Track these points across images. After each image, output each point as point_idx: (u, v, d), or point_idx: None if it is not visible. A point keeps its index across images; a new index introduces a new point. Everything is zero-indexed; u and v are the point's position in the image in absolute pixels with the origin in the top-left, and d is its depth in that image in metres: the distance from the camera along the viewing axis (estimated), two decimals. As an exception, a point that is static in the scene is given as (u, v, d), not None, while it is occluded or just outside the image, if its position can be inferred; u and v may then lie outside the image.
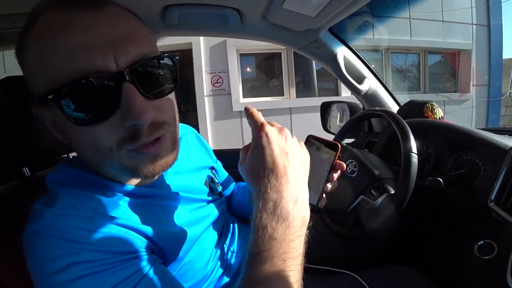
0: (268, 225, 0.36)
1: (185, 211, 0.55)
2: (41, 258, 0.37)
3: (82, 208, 0.40)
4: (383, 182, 0.70)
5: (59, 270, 0.36)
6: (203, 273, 0.55)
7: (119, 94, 0.36)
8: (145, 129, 0.38)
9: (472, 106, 4.58)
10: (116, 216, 0.42)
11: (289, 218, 0.37)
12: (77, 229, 0.38)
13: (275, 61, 3.81)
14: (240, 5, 0.83)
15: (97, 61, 0.34)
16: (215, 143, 3.57)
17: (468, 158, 0.68)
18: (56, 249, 0.37)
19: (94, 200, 0.42)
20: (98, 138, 0.38)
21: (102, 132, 0.37)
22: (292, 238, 0.37)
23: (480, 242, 0.57)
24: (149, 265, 0.41)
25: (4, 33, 0.86)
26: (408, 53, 4.48)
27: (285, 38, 1.02)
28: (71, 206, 0.40)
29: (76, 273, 0.36)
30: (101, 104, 0.36)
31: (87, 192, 0.43)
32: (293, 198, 0.38)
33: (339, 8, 0.75)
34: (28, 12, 0.38)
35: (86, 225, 0.39)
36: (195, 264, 0.54)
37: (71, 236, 0.37)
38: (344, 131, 0.90)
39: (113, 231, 0.40)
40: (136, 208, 0.45)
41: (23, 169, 0.62)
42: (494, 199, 0.59)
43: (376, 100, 1.13)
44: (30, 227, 0.40)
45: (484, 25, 4.42)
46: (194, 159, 0.66)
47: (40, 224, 0.38)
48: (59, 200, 0.41)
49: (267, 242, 0.36)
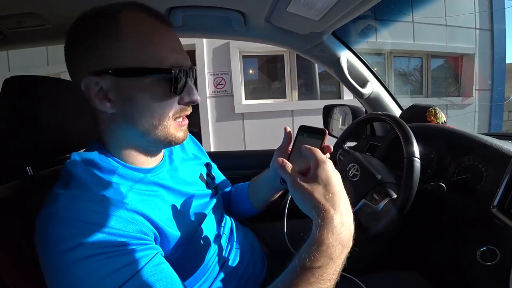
0: (330, 244, 0.41)
1: (184, 202, 0.59)
2: (53, 237, 0.40)
3: (94, 191, 0.45)
4: (385, 186, 0.70)
5: (69, 249, 0.39)
6: (200, 266, 0.57)
7: (186, 81, 0.51)
8: (189, 108, 0.54)
9: (474, 110, 4.56)
10: (125, 201, 0.46)
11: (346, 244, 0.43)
12: (89, 211, 0.42)
13: (278, 63, 3.82)
14: (244, 8, 0.83)
15: (182, 59, 0.51)
16: (217, 145, 3.57)
17: (471, 163, 0.68)
18: (68, 229, 0.41)
19: (105, 185, 0.47)
20: (166, 107, 0.50)
21: (169, 104, 0.51)
22: (340, 262, 0.42)
23: (482, 248, 0.57)
24: (152, 254, 0.44)
25: (9, 33, 0.87)
26: (411, 57, 4.48)
27: (289, 41, 1.02)
28: (84, 189, 0.45)
29: (85, 253, 0.39)
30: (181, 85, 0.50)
31: (99, 176, 0.48)
32: (350, 227, 0.44)
33: (343, 12, 0.75)
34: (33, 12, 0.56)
35: (98, 207, 0.43)
36: (192, 258, 0.56)
37: (83, 217, 0.42)
38: (346, 135, 0.90)
39: (121, 214, 0.44)
40: (143, 196, 0.51)
41: (26, 168, 0.63)
42: (497, 205, 0.59)
43: (378, 104, 1.13)
44: (45, 209, 0.44)
45: (487, 30, 4.41)
46: (189, 156, 0.73)
47: (55, 206, 0.42)
48: (73, 183, 0.46)
49: (324, 259, 0.40)
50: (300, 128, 0.62)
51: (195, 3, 0.81)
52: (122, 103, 0.49)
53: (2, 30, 0.85)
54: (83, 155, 0.51)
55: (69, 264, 0.39)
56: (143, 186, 0.52)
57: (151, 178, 0.55)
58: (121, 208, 0.45)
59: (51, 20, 0.82)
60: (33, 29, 0.86)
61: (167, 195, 0.56)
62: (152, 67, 0.48)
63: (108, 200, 0.44)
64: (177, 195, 0.58)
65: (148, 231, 0.47)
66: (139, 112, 0.49)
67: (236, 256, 0.67)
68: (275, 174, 0.70)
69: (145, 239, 0.45)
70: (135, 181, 0.51)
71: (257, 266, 0.73)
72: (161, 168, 0.60)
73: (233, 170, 1.21)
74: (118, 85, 0.48)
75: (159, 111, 0.50)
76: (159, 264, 0.45)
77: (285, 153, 0.64)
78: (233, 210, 0.84)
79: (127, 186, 0.50)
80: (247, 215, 0.86)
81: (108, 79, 0.47)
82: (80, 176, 0.47)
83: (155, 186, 0.54)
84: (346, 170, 0.79)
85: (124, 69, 0.47)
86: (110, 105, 0.49)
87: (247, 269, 0.68)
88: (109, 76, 0.47)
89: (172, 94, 0.49)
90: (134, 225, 0.45)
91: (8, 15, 0.77)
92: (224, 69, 3.51)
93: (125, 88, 0.48)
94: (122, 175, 0.50)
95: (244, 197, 0.84)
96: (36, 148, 0.58)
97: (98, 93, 0.48)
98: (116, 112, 0.49)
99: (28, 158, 0.59)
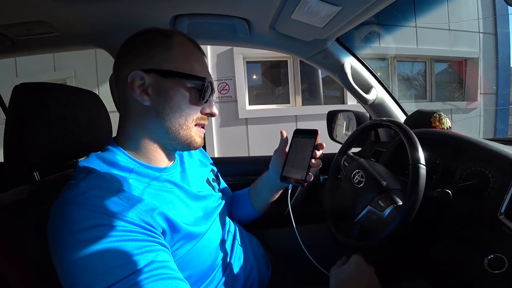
0: None
1: (195, 203, 0.63)
2: (70, 217, 0.43)
3: (113, 183, 0.49)
4: (390, 193, 0.69)
5: (85, 228, 0.42)
6: (205, 268, 0.59)
7: (210, 96, 0.62)
8: (207, 119, 0.63)
9: (480, 115, 4.53)
10: (140, 196, 0.50)
11: None
12: (106, 199, 0.46)
13: (281, 68, 3.83)
14: (249, 15, 0.84)
15: (210, 77, 0.62)
16: (221, 150, 3.57)
17: (477, 169, 0.67)
18: (85, 212, 0.44)
19: (122, 180, 0.51)
20: (192, 110, 0.59)
21: (195, 109, 0.59)
22: None
23: (490, 256, 0.56)
24: (160, 250, 0.47)
25: (19, 40, 0.89)
26: (415, 62, 4.47)
27: (293, 48, 1.03)
28: (103, 180, 0.49)
29: (100, 233, 0.42)
30: (207, 95, 0.60)
31: (117, 173, 0.53)
32: None
33: (346, 19, 0.75)
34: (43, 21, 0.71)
35: (115, 198, 0.47)
36: (198, 259, 0.58)
37: (100, 203, 0.45)
38: (351, 141, 0.90)
39: (137, 205, 0.48)
40: (158, 191, 0.55)
41: (34, 173, 0.64)
42: (504, 212, 0.58)
43: (383, 110, 1.13)
44: (64, 195, 0.48)
45: (491, 34, 4.39)
46: (196, 162, 0.77)
47: (75, 192, 0.46)
48: (92, 174, 0.50)
49: None
50: (295, 131, 0.73)
51: (200, 11, 0.82)
52: (157, 99, 0.56)
53: (11, 37, 0.87)
54: (101, 154, 0.56)
55: (80, 242, 0.42)
56: (158, 183, 0.57)
57: (165, 176, 0.59)
58: (135, 198, 0.49)
59: (59, 28, 0.84)
60: (41, 37, 0.88)
61: (180, 193, 0.60)
62: (191, 73, 0.58)
63: (124, 193, 0.49)
64: (189, 195, 0.62)
65: (157, 225, 0.49)
66: (170, 109, 0.57)
67: (240, 261, 0.68)
68: (275, 174, 0.77)
69: (155, 234, 0.48)
70: (151, 178, 0.56)
71: (261, 271, 0.73)
72: (174, 168, 0.64)
73: (237, 176, 1.21)
74: (159, 83, 0.56)
75: (186, 112, 0.58)
76: (166, 261, 0.47)
77: (282, 154, 0.75)
78: (236, 215, 0.86)
79: (144, 183, 0.54)
80: (249, 219, 0.87)
81: (152, 77, 0.56)
82: (99, 170, 0.52)
83: (169, 183, 0.59)
84: (351, 176, 0.79)
85: (168, 71, 0.56)
86: (147, 98, 0.56)
87: (251, 274, 0.69)
88: (153, 75, 0.56)
89: (200, 100, 0.59)
90: (146, 215, 0.48)
91: (18, 23, 0.79)
92: (228, 75, 3.52)
93: (164, 86, 0.56)
94: (139, 172, 0.55)
95: (246, 201, 0.86)
96: (44, 154, 0.59)
97: (140, 86, 0.55)
98: (150, 105, 0.56)
99: (36, 164, 0.60)
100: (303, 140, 0.70)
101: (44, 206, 0.49)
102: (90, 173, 0.51)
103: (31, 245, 0.50)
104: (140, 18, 0.82)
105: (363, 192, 0.73)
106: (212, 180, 0.77)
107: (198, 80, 0.58)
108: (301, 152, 0.69)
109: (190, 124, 0.59)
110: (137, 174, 0.55)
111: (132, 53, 0.58)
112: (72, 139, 0.64)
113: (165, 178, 0.59)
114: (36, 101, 0.58)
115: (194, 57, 0.60)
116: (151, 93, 0.56)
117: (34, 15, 0.76)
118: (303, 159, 0.68)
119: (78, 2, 0.72)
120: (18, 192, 0.58)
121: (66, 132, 0.62)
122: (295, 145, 0.72)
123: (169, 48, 0.57)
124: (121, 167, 0.54)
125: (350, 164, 0.83)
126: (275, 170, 0.78)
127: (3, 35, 0.85)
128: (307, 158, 0.67)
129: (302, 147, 0.70)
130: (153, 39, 0.58)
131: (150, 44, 0.57)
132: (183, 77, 0.57)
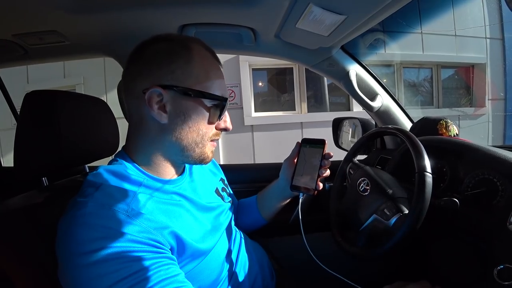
0: None
1: (204, 215, 0.62)
2: (77, 238, 0.43)
3: (121, 202, 0.48)
4: (396, 201, 0.68)
5: (91, 251, 0.42)
6: (212, 280, 0.58)
7: (224, 111, 0.60)
8: (220, 133, 0.62)
9: (488, 121, 4.46)
10: (149, 211, 0.50)
11: None
12: (114, 219, 0.45)
13: (287, 76, 3.85)
14: (255, 24, 0.85)
15: (226, 93, 0.61)
16: (227, 157, 3.58)
17: (486, 177, 0.66)
18: (93, 233, 0.43)
19: (131, 195, 0.50)
20: (209, 128, 0.58)
21: (212, 127, 0.59)
22: None
23: (500, 266, 0.55)
24: (169, 263, 0.47)
25: (31, 49, 0.92)
26: (421, 68, 4.45)
27: (298, 56, 1.04)
28: (112, 198, 0.48)
29: (107, 256, 0.42)
30: (222, 112, 0.59)
31: (126, 187, 0.52)
32: None
33: (351, 28, 0.76)
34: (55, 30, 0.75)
35: (123, 216, 0.46)
36: (205, 271, 0.57)
37: (108, 223, 0.45)
38: (356, 148, 0.90)
39: (146, 223, 0.47)
40: (165, 205, 0.54)
41: (43, 179, 0.65)
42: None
43: (388, 117, 1.12)
44: (71, 213, 0.47)
45: (498, 39, 4.36)
46: (206, 171, 0.76)
47: (83, 211, 0.45)
48: (100, 192, 0.49)
49: None
50: (303, 140, 0.74)
51: (207, 21, 0.84)
52: (175, 117, 0.55)
53: (24, 46, 0.90)
54: (111, 168, 0.55)
55: (85, 266, 0.41)
56: (166, 195, 0.56)
57: (173, 188, 0.58)
58: (143, 217, 0.48)
59: (70, 38, 0.86)
60: (53, 46, 0.90)
61: (189, 205, 0.59)
62: (212, 93, 0.56)
63: (133, 211, 0.48)
64: (198, 207, 0.61)
65: (165, 241, 0.49)
66: (188, 128, 0.55)
67: (245, 270, 0.68)
68: (285, 182, 0.76)
69: (164, 250, 0.48)
70: (160, 191, 0.55)
71: (266, 280, 0.72)
72: (183, 179, 0.63)
73: (242, 183, 1.21)
74: (179, 100, 0.54)
75: (203, 131, 0.57)
76: (175, 275, 0.47)
77: (292, 163, 0.76)
78: (242, 223, 0.85)
79: (153, 196, 0.53)
80: (255, 227, 0.87)
81: (171, 94, 0.54)
82: (108, 186, 0.51)
83: (177, 196, 0.58)
84: (356, 184, 0.78)
85: (189, 88, 0.54)
86: (165, 116, 0.54)
87: (256, 283, 0.68)
88: (173, 92, 0.53)
89: (217, 119, 0.59)
90: (154, 233, 0.47)
91: (31, 33, 0.82)
92: (233, 82, 3.55)
93: (183, 104, 0.54)
94: (148, 186, 0.54)
95: (253, 209, 0.86)
96: (52, 160, 0.60)
97: (157, 102, 0.53)
98: (167, 123, 0.55)
99: (45, 169, 0.61)
100: (311, 149, 0.72)
101: (52, 211, 0.50)
102: (98, 189, 0.49)
103: (40, 250, 0.51)
104: (149, 28, 0.84)
105: (369, 200, 0.73)
106: (221, 189, 0.77)
107: (219, 100, 0.57)
108: (310, 161, 0.71)
109: (206, 142, 0.58)
110: (146, 187, 0.54)
111: (148, 64, 0.54)
112: (80, 146, 0.65)
113: (173, 190, 0.58)
114: (46, 108, 0.59)
115: (213, 72, 0.58)
116: (169, 111, 0.54)
117: (46, 25, 0.79)
118: (312, 168, 0.70)
119: (88, 12, 0.74)
120: (27, 197, 0.59)
121: (74, 139, 0.63)
122: (303, 155, 0.73)
123: (189, 63, 0.55)
124: (132, 180, 0.53)
125: (356, 172, 0.83)
126: (285, 178, 0.78)
127: (16, 44, 0.88)
128: (316, 168, 0.69)
129: (310, 156, 0.72)
130: (172, 50, 0.55)
131: (169, 56, 0.54)
132: (204, 97, 0.55)
